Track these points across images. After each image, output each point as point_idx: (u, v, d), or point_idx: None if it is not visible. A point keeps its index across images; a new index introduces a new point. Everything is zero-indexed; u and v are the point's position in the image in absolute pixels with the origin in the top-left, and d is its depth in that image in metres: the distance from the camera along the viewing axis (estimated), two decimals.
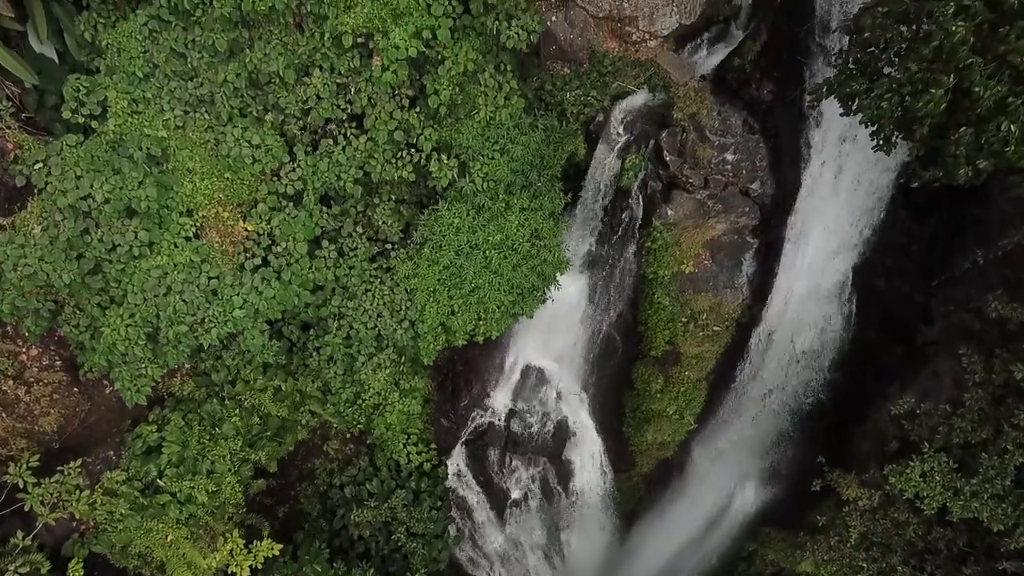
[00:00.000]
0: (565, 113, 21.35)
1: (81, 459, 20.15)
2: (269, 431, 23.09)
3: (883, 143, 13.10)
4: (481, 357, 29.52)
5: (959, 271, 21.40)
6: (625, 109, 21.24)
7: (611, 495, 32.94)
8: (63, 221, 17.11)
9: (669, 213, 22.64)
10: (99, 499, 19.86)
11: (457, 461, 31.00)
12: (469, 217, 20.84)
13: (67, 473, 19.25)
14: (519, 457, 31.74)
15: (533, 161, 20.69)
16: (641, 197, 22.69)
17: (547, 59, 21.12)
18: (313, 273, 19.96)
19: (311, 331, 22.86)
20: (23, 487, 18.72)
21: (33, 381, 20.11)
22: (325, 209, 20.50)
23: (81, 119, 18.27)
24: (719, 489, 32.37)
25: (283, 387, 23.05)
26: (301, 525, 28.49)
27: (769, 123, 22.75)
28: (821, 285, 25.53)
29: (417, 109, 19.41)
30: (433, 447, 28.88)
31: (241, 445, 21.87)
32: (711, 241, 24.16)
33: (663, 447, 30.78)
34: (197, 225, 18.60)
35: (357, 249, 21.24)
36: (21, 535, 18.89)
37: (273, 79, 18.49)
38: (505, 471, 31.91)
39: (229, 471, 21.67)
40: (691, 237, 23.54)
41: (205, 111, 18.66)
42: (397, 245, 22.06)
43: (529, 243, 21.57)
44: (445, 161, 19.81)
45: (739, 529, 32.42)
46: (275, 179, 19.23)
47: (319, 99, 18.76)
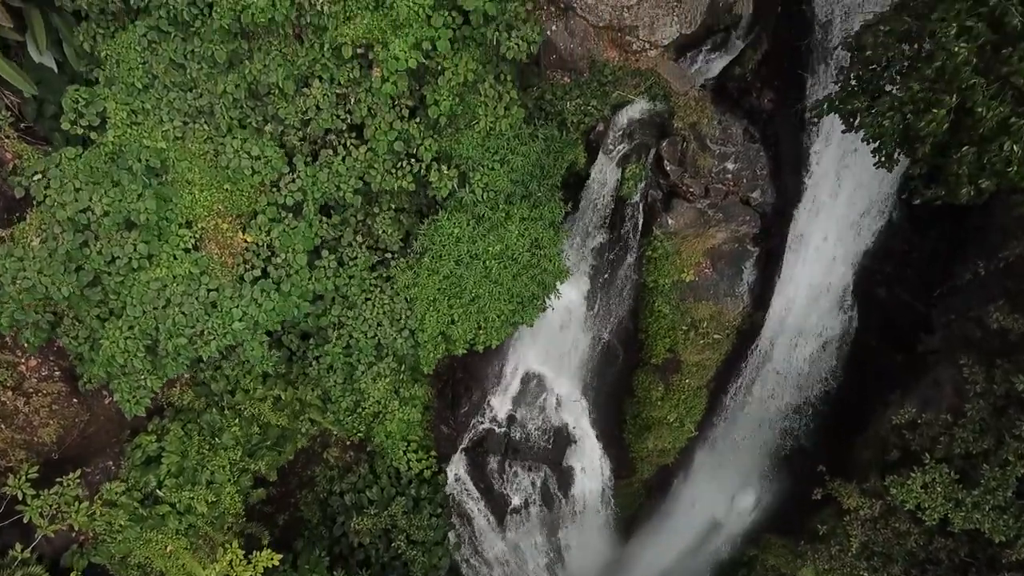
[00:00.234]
0: (565, 122, 21.30)
1: (80, 470, 20.08)
2: (269, 440, 23.04)
3: (885, 160, 13.07)
4: (481, 364, 29.48)
5: (960, 282, 21.35)
6: (625, 118, 21.20)
7: (611, 501, 32.91)
8: (62, 234, 17.06)
9: (669, 222, 22.59)
10: (98, 510, 19.80)
11: (457, 468, 30.92)
12: (469, 227, 20.79)
13: (66, 484, 19.18)
14: (519, 464, 31.68)
15: (533, 171, 20.64)
16: (641, 206, 22.65)
17: (547, 68, 21.07)
18: (313, 284, 19.92)
19: (311, 340, 22.81)
20: (22, 499, 18.65)
21: (32, 392, 20.06)
22: (325, 219, 20.46)
23: (80, 130, 18.24)
24: (720, 495, 32.34)
25: (283, 396, 23.00)
26: (301, 532, 28.45)
27: (769, 132, 22.70)
28: (822, 293, 25.48)
29: (417, 119, 19.37)
30: (433, 454, 28.85)
31: (241, 455, 21.81)
32: (712, 250, 24.12)
33: (664, 454, 30.74)
34: (196, 237, 18.55)
35: (357, 258, 21.19)
36: (20, 547, 18.83)
37: (273, 90, 18.45)
38: (505, 478, 31.84)
39: (229, 481, 21.62)
40: (691, 246, 23.50)
41: (204, 122, 18.63)
42: (397, 254, 22.01)
43: (529, 253, 21.52)
44: (445, 171, 19.76)
45: (740, 534, 32.41)
46: (274, 190, 19.18)
47: (319, 110, 18.72)
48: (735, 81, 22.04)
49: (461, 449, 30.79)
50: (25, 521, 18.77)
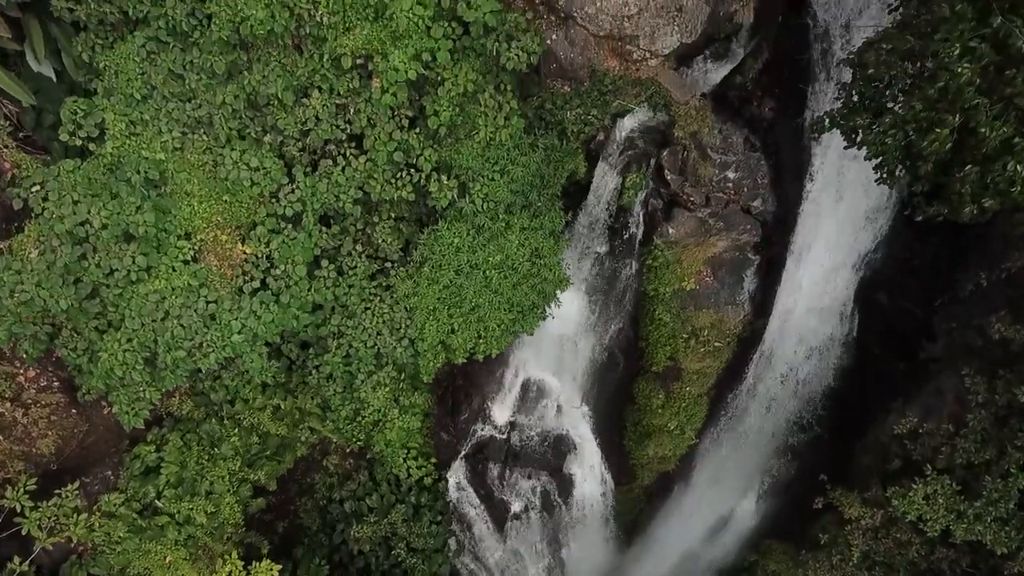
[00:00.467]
0: (565, 132, 21.19)
1: (79, 481, 19.98)
2: (268, 450, 22.98)
3: (887, 177, 12.99)
4: (481, 371, 29.41)
5: (963, 293, 21.28)
6: (626, 127, 21.08)
7: (612, 507, 32.87)
8: (60, 247, 16.99)
9: (670, 231, 22.51)
10: (97, 521, 19.75)
11: (457, 475, 30.87)
12: (469, 237, 20.72)
13: (64, 496, 19.08)
14: (519, 470, 31.62)
15: (533, 181, 20.57)
16: (642, 215, 22.56)
17: (547, 77, 20.97)
18: (312, 295, 19.84)
19: (310, 350, 22.75)
20: (20, 511, 18.57)
21: (31, 403, 20.00)
22: (324, 229, 20.39)
23: (78, 141, 18.16)
24: (720, 500, 32.30)
25: (282, 406, 22.95)
26: (301, 540, 28.41)
27: (770, 140, 22.62)
28: (823, 300, 25.42)
29: (417, 130, 19.29)
30: (433, 461, 28.80)
31: (240, 465, 21.76)
32: (712, 258, 24.04)
33: (664, 461, 30.67)
34: (195, 248, 18.48)
35: (356, 268, 21.13)
36: (18, 560, 18.75)
37: (272, 101, 18.38)
38: (505, 484, 31.79)
39: (228, 491, 21.56)
40: (692, 254, 23.43)
41: (203, 132, 18.55)
42: (397, 263, 21.94)
43: (529, 262, 21.45)
44: (445, 182, 19.69)
45: (740, 540, 32.37)
46: (274, 201, 19.11)
47: (318, 120, 18.65)
48: (736, 90, 21.96)
49: (461, 456, 30.74)
50: (23, 533, 18.68)
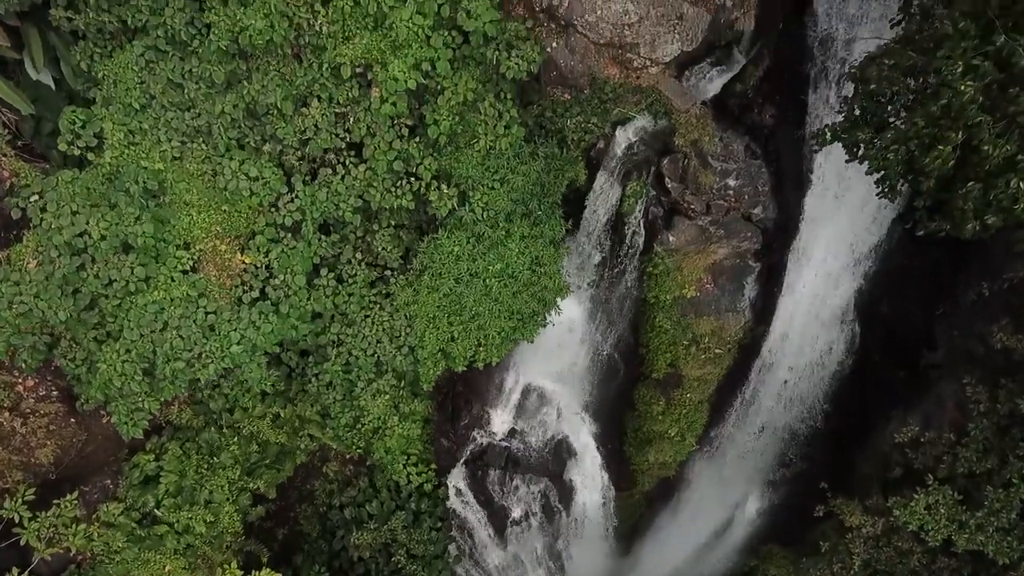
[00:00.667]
0: (566, 140, 21.14)
1: (78, 490, 19.88)
2: (268, 459, 22.92)
3: (888, 191, 12.93)
4: (481, 377, 29.35)
5: (964, 302, 21.20)
6: (626, 135, 21.02)
7: (612, 512, 32.83)
8: (59, 257, 16.93)
9: (671, 239, 22.45)
10: (96, 532, 19.67)
11: (457, 481, 30.82)
12: (469, 245, 20.66)
13: (63, 506, 18.98)
14: (520, 476, 31.58)
15: (533, 190, 20.52)
16: (642, 223, 22.49)
17: (548, 85, 20.91)
18: (312, 304, 19.78)
19: (310, 358, 22.69)
20: (19, 522, 18.49)
21: (29, 412, 19.93)
22: (324, 237, 20.32)
23: (77, 151, 18.10)
24: (721, 505, 32.30)
25: (282, 414, 22.89)
26: (301, 547, 28.36)
27: (771, 147, 22.56)
28: (824, 307, 25.38)
29: (416, 138, 19.22)
30: (433, 467, 28.71)
31: (239, 474, 21.70)
32: (713, 265, 23.98)
33: (665, 467, 30.63)
34: (194, 258, 18.41)
35: (356, 276, 21.06)
36: (17, 571, 18.66)
37: (271, 110, 18.31)
38: (506, 490, 31.76)
39: (227, 500, 21.49)
40: (693, 262, 23.36)
41: (202, 142, 18.49)
42: (397, 271, 21.88)
43: (529, 270, 21.40)
44: (445, 190, 19.62)
45: (741, 544, 32.36)
46: (273, 210, 19.05)
47: (317, 130, 18.58)
48: (736, 97, 21.89)
49: (461, 462, 30.69)
50: (22, 544, 18.58)
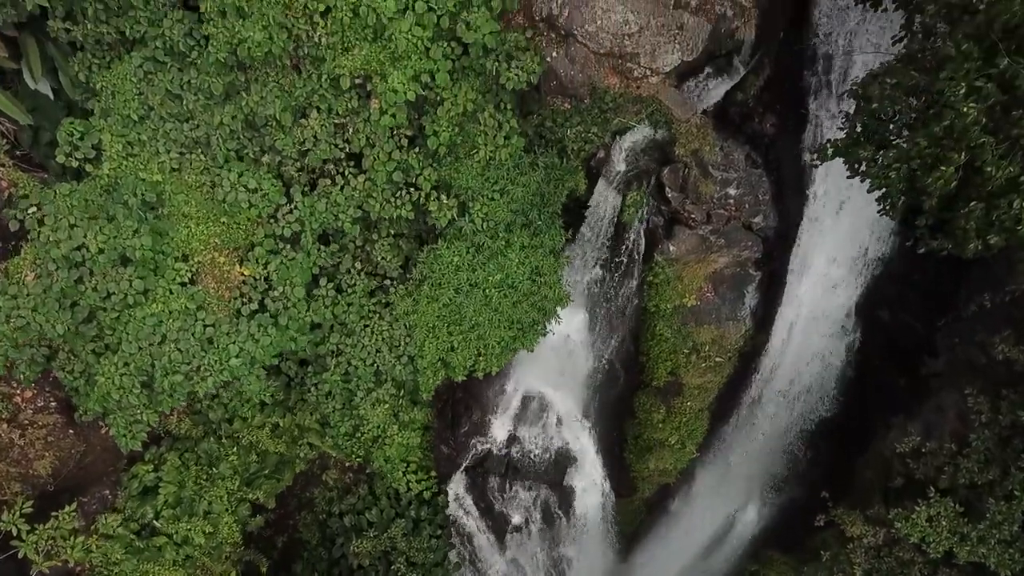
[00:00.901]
0: (566, 149, 21.06)
1: (76, 502, 19.81)
2: (267, 469, 22.84)
3: (890, 208, 12.85)
4: (482, 384, 29.25)
5: (966, 314, 21.14)
6: (626, 145, 20.95)
7: (613, 519, 32.76)
8: (57, 271, 16.85)
9: (671, 249, 22.38)
10: (94, 544, 19.61)
11: (457, 488, 30.74)
12: (469, 256, 20.57)
13: (62, 518, 18.93)
14: (520, 483, 31.50)
15: (533, 200, 20.43)
16: (643, 233, 22.44)
17: (548, 95, 20.83)
18: (311, 316, 19.69)
19: (309, 367, 22.61)
20: (17, 534, 18.42)
21: (27, 424, 19.85)
22: (323, 247, 20.24)
23: (75, 163, 18.02)
24: (722, 511, 32.25)
25: (281, 423, 22.81)
26: (300, 555, 28.26)
27: (771, 156, 22.52)
28: (824, 315, 25.36)
29: (416, 149, 19.13)
30: (433, 475, 28.65)
31: (238, 485, 21.62)
32: (713, 274, 23.92)
33: (665, 474, 30.57)
34: (193, 271, 18.32)
35: (356, 285, 20.97)
36: None
37: (270, 121, 18.22)
38: (506, 497, 31.67)
39: (226, 511, 21.41)
40: (693, 271, 23.30)
41: (201, 153, 18.41)
42: (396, 280, 21.79)
43: (530, 280, 21.30)
44: (445, 201, 19.55)
45: (741, 550, 32.32)
46: (272, 221, 18.97)
47: (316, 141, 18.49)
48: (737, 107, 21.85)
49: (461, 469, 30.59)
50: (20, 557, 18.52)
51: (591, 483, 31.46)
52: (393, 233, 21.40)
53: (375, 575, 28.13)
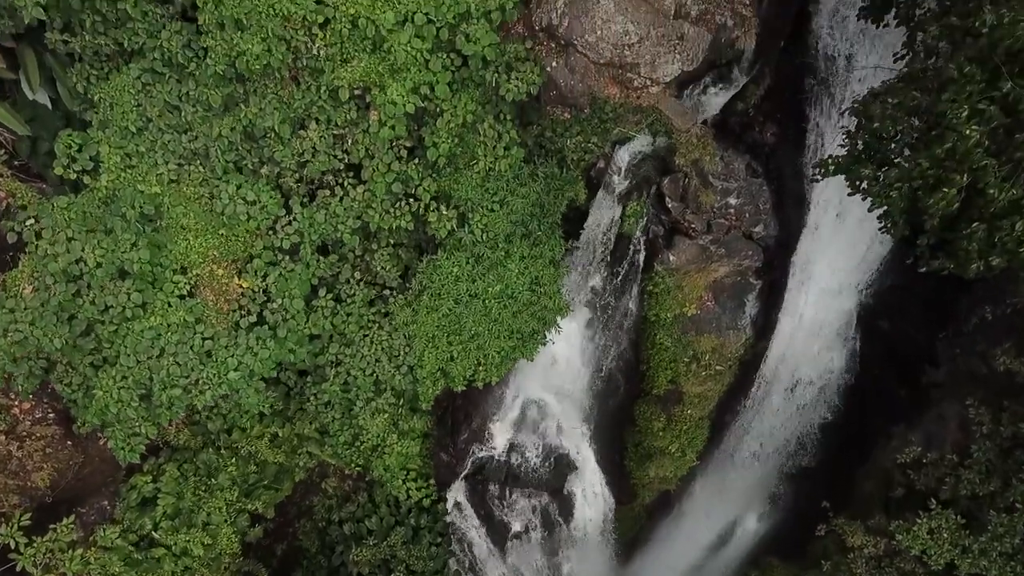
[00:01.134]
0: (565, 160, 20.98)
1: (74, 513, 19.74)
2: (266, 479, 22.77)
3: (891, 227, 12.79)
4: (481, 391, 29.02)
5: (967, 327, 21.07)
6: (626, 155, 20.86)
7: (613, 525, 32.71)
8: (54, 284, 16.77)
9: (671, 258, 22.31)
10: (92, 556, 19.53)
11: (457, 495, 30.69)
12: (468, 266, 20.51)
13: (60, 531, 18.83)
14: (519, 491, 31.45)
15: (533, 211, 20.36)
16: (643, 243, 22.36)
17: (547, 104, 20.76)
18: (310, 327, 19.62)
19: (308, 377, 22.55)
20: (15, 547, 18.33)
21: (25, 435, 19.79)
22: (322, 258, 20.17)
23: (73, 175, 17.95)
24: (722, 517, 32.18)
25: (280, 433, 22.76)
26: (300, 563, 28.20)
27: (772, 165, 22.46)
28: (825, 324, 25.28)
29: (416, 160, 19.08)
30: (432, 483, 28.57)
31: (237, 496, 21.55)
32: (714, 283, 23.84)
33: (665, 481, 30.50)
34: (191, 283, 18.25)
35: (355, 295, 20.92)
36: None
37: (269, 133, 18.15)
38: (505, 504, 31.63)
39: (225, 522, 21.35)
40: (693, 280, 23.22)
41: (200, 164, 18.33)
42: (395, 290, 21.73)
43: (529, 291, 21.24)
44: (444, 212, 19.49)
45: (741, 556, 32.25)
46: (271, 233, 18.90)
47: (315, 152, 18.43)
48: (737, 116, 21.79)
49: (461, 477, 30.54)
50: (18, 570, 18.43)
51: (591, 490, 31.41)
52: (392, 243, 21.34)
53: None
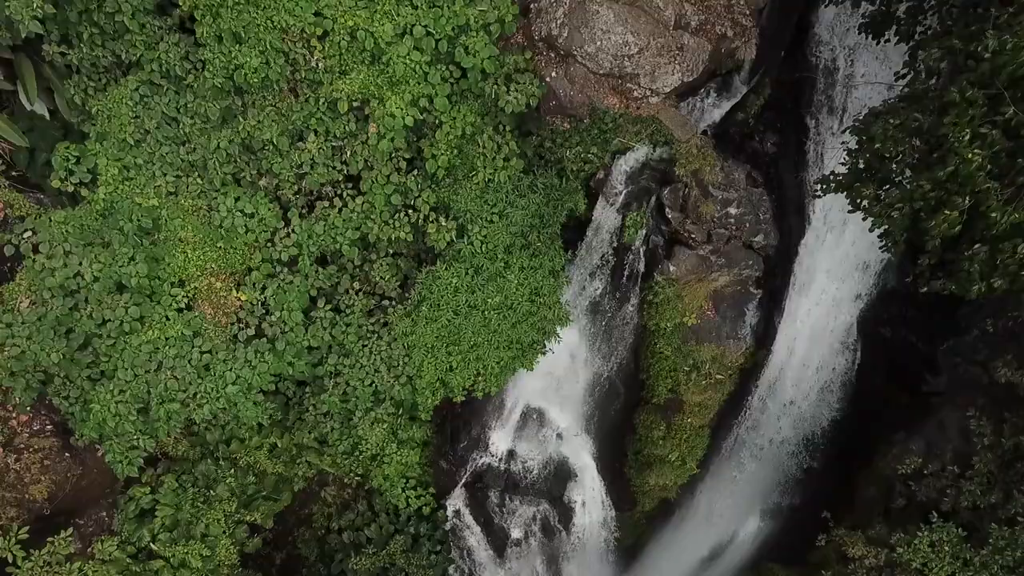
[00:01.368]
0: (565, 170, 20.89)
1: (72, 526, 19.70)
2: (265, 490, 22.68)
3: (891, 246, 12.71)
4: (481, 399, 29.09)
5: (968, 336, 21.01)
6: (626, 166, 20.79)
7: (612, 532, 32.65)
8: (52, 299, 16.70)
9: (671, 269, 22.22)
10: (90, 569, 19.42)
11: (456, 503, 30.63)
12: (468, 278, 20.43)
13: (57, 544, 18.79)
14: (519, 498, 31.39)
15: (533, 222, 20.29)
16: (642, 253, 22.26)
17: (547, 115, 20.68)
18: (309, 340, 19.54)
19: (307, 388, 22.46)
20: (12, 561, 18.28)
21: (23, 448, 19.69)
22: (320, 269, 20.09)
23: (71, 187, 17.87)
24: (723, 523, 32.09)
25: (279, 443, 22.67)
26: (299, 571, 28.12)
27: (772, 175, 22.38)
28: (825, 332, 25.18)
29: (415, 171, 19.01)
30: (432, 490, 28.46)
31: (236, 507, 21.45)
32: (714, 293, 23.75)
33: (665, 489, 30.43)
34: (189, 296, 18.18)
35: (354, 305, 20.84)
36: None
37: (267, 145, 18.08)
38: (505, 511, 31.56)
39: (224, 534, 21.26)
40: (693, 290, 23.14)
41: (198, 176, 18.26)
42: (395, 300, 21.65)
43: (529, 301, 21.17)
44: (443, 223, 19.42)
45: (741, 562, 32.16)
46: (269, 245, 18.81)
47: (314, 164, 18.35)
48: (738, 126, 21.72)
49: (460, 484, 30.48)
50: None
51: (591, 497, 31.35)
52: (392, 252, 21.26)
53: None
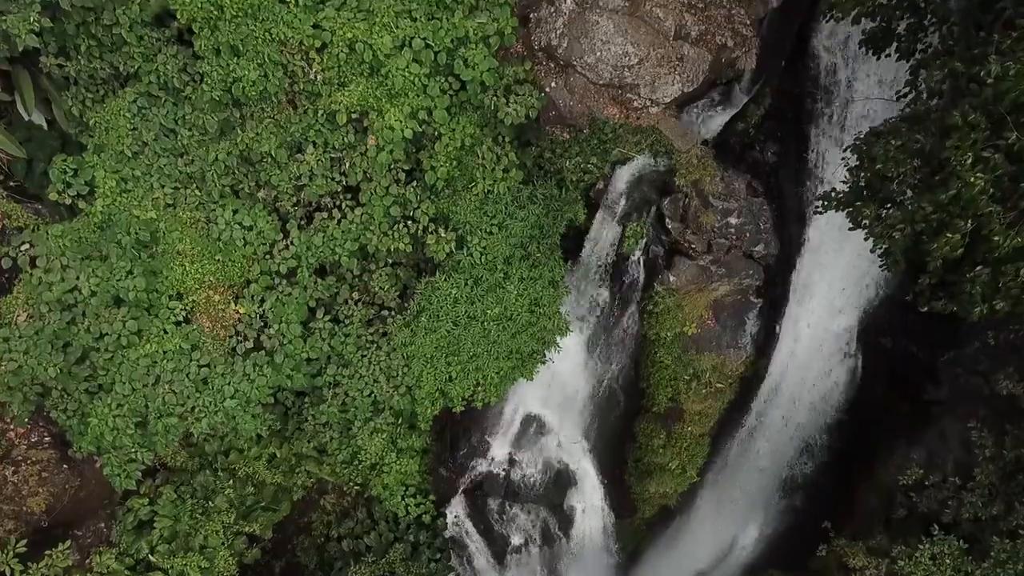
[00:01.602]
0: (565, 180, 20.81)
1: (70, 538, 19.67)
2: (264, 501, 22.61)
3: (892, 265, 12.64)
4: (481, 407, 29.08)
5: (969, 347, 20.94)
6: (626, 176, 20.72)
7: (613, 539, 32.61)
8: (49, 313, 16.62)
9: (671, 279, 22.17)
10: None
11: (456, 510, 30.55)
12: (467, 288, 20.35)
13: (55, 557, 18.76)
14: (519, 505, 31.34)
15: (532, 233, 20.22)
16: (642, 263, 22.22)
17: (546, 125, 20.59)
18: (307, 352, 19.46)
19: (306, 398, 22.38)
20: (10, 574, 18.24)
21: (21, 460, 19.63)
22: (319, 280, 20.01)
23: (69, 199, 17.80)
24: (723, 531, 32.06)
25: (278, 453, 22.60)
26: None
27: (773, 185, 22.32)
28: (826, 341, 25.13)
29: (414, 183, 18.93)
30: (431, 498, 28.35)
31: (235, 518, 21.38)
32: (714, 302, 23.68)
33: (665, 497, 30.37)
34: (187, 309, 18.09)
35: (353, 315, 20.75)
36: None
37: (265, 157, 18.00)
38: (505, 519, 31.50)
39: (222, 545, 21.19)
40: (694, 300, 23.07)
41: (196, 188, 18.17)
42: (394, 311, 21.57)
43: (529, 312, 21.09)
44: (443, 234, 19.34)
45: (742, 568, 32.14)
46: (268, 257, 18.73)
47: (313, 175, 18.27)
48: (738, 136, 21.66)
49: (460, 491, 30.42)
50: None
51: (591, 504, 31.31)
52: (391, 263, 21.19)
53: None
